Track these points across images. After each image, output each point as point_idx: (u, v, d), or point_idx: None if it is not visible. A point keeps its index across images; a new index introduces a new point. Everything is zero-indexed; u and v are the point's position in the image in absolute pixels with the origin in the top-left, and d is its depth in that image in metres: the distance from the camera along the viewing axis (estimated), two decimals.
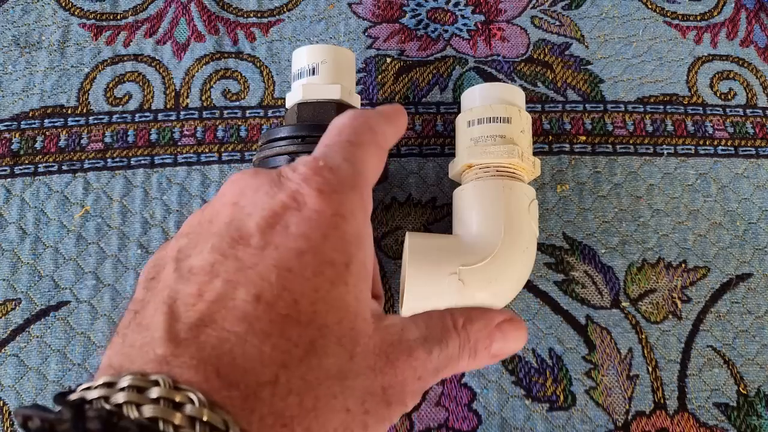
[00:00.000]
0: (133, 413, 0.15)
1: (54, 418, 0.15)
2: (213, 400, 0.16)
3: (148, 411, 0.15)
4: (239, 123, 0.38)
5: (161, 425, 0.15)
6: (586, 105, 0.39)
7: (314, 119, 0.31)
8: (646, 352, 0.34)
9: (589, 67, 0.40)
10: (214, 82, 0.39)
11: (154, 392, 0.15)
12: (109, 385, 0.16)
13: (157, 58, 0.40)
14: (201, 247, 0.19)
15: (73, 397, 0.16)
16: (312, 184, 0.20)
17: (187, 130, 0.38)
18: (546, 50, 0.41)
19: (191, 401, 0.15)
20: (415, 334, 0.21)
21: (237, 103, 0.39)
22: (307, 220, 0.19)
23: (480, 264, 0.29)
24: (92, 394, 0.16)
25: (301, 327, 0.18)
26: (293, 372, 0.17)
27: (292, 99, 0.32)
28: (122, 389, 0.16)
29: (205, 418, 0.15)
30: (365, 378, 0.19)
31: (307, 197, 0.20)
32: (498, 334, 0.23)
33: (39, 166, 0.37)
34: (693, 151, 0.39)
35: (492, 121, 0.32)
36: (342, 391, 0.18)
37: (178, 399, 0.15)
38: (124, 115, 0.38)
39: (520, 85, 0.39)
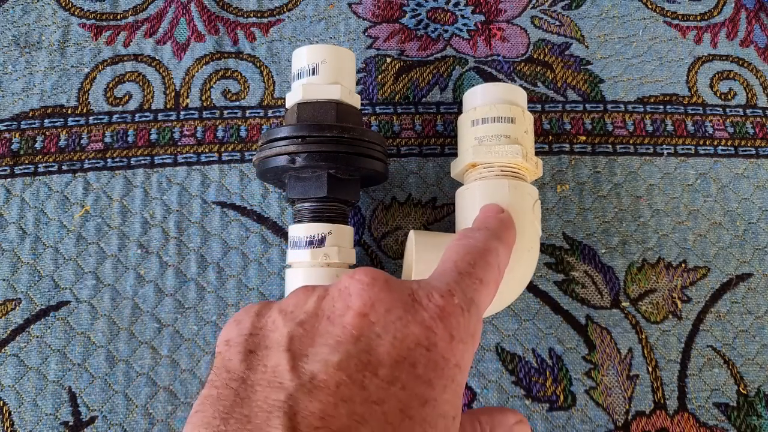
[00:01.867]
0: None
1: None
2: None
3: None
4: (239, 123, 0.38)
5: None
6: (586, 105, 0.39)
7: (314, 119, 0.31)
8: (646, 352, 0.34)
9: (589, 67, 0.40)
10: (214, 82, 0.39)
11: None
12: None
13: (157, 58, 0.40)
14: (321, 351, 0.18)
15: None
16: (447, 326, 0.19)
17: (187, 130, 0.38)
18: (546, 50, 0.41)
19: None
20: None
21: (237, 103, 0.39)
22: (434, 366, 0.19)
23: None
24: None
25: None
26: None
27: (292, 99, 0.32)
28: None
29: None
30: None
31: (439, 340, 0.19)
32: None
33: (39, 166, 0.37)
34: (693, 151, 0.39)
35: (497, 121, 0.32)
36: None
37: None
38: (124, 115, 0.38)
39: (520, 85, 0.39)
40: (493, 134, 0.31)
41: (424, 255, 0.29)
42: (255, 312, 0.20)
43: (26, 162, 0.37)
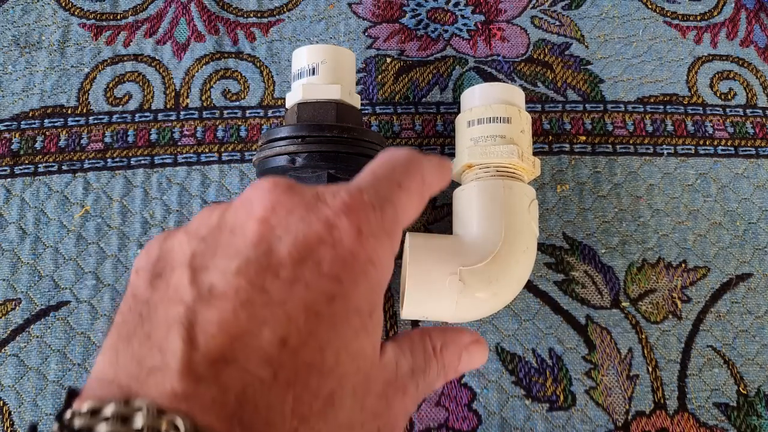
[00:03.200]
0: None
1: None
2: None
3: None
4: (239, 123, 0.38)
5: None
6: (586, 105, 0.39)
7: (314, 119, 0.31)
8: (646, 352, 0.34)
9: (589, 67, 0.40)
10: (214, 82, 0.39)
11: None
12: (123, 419, 0.15)
13: (157, 58, 0.40)
14: (221, 262, 0.18)
15: (80, 420, 0.15)
16: (352, 220, 0.19)
17: (187, 130, 0.38)
18: (546, 50, 0.41)
19: None
20: (405, 367, 0.21)
21: (237, 103, 0.39)
22: (341, 261, 0.18)
23: (480, 264, 0.29)
24: (104, 416, 0.15)
25: (323, 377, 0.17)
26: (311, 426, 0.17)
27: (292, 99, 0.32)
28: (138, 426, 0.15)
29: None
30: (368, 425, 0.19)
31: (344, 234, 0.19)
32: (465, 355, 0.24)
33: (39, 166, 0.37)
34: (693, 151, 0.39)
35: (492, 121, 0.32)
36: None
37: None
38: (124, 115, 0.38)
39: (520, 85, 0.39)
40: (489, 135, 0.31)
41: (417, 257, 0.29)
42: (163, 237, 0.20)
43: (26, 162, 0.37)
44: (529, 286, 0.35)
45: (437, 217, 0.36)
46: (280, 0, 0.42)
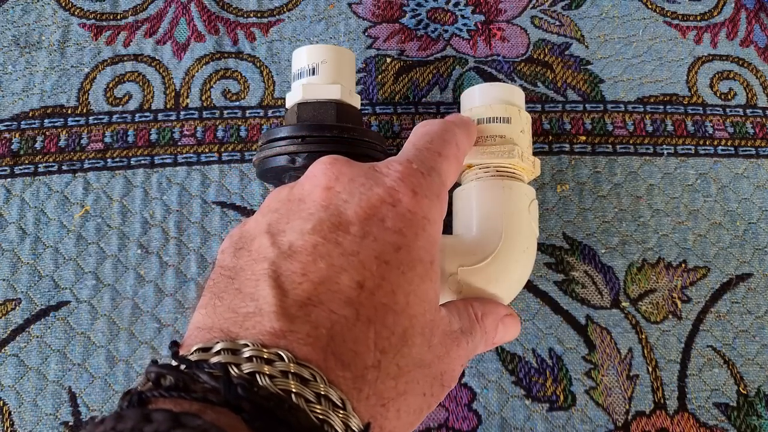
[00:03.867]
0: (265, 381, 0.16)
1: (188, 378, 0.16)
2: (329, 379, 0.17)
3: (280, 383, 0.16)
4: (239, 123, 0.38)
5: (294, 398, 0.16)
6: (586, 105, 0.39)
7: (314, 119, 0.31)
8: (646, 352, 0.34)
9: (589, 67, 0.40)
10: (214, 82, 0.39)
11: (280, 366, 0.16)
12: (233, 352, 0.17)
13: (157, 58, 0.40)
14: (296, 224, 0.20)
15: (193, 356, 0.17)
16: (407, 184, 0.21)
17: (187, 130, 0.38)
18: (546, 50, 0.41)
19: (314, 378, 0.16)
20: (456, 325, 0.23)
21: (237, 103, 0.39)
22: (401, 218, 0.21)
23: (480, 264, 0.29)
24: (216, 359, 0.16)
25: (397, 316, 0.19)
26: (391, 359, 0.19)
27: (292, 99, 0.32)
28: (248, 359, 0.16)
29: (325, 393, 0.16)
30: (435, 366, 0.21)
31: (402, 195, 0.21)
32: (502, 326, 0.27)
33: (39, 166, 0.37)
34: (693, 151, 0.39)
35: (492, 121, 0.32)
36: (422, 378, 0.20)
37: (305, 375, 0.16)
38: (124, 115, 0.38)
39: (520, 85, 0.39)
40: (488, 135, 0.31)
41: None
42: (242, 224, 0.22)
43: (26, 162, 0.37)
44: (529, 286, 0.35)
45: None
46: (280, 0, 0.42)
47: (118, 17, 0.41)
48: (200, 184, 0.37)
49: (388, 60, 0.40)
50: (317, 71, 0.32)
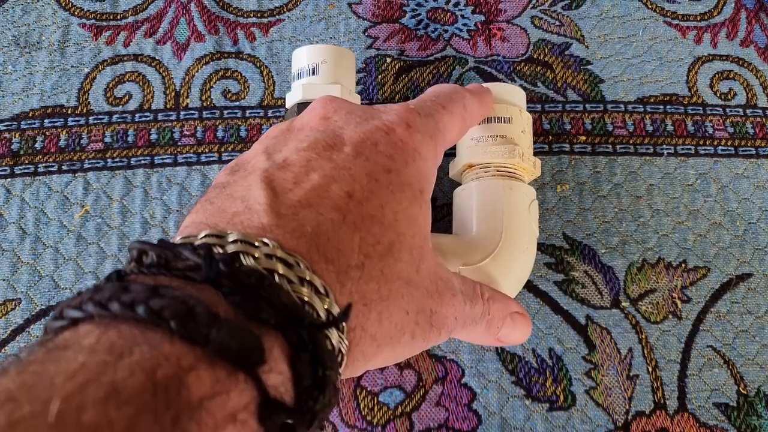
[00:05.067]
0: (249, 261, 0.16)
1: (170, 255, 0.16)
2: (314, 269, 0.17)
3: (264, 264, 0.16)
4: (239, 123, 0.38)
5: (276, 278, 0.16)
6: (586, 105, 0.39)
7: None
8: (646, 352, 0.34)
9: (589, 67, 0.40)
10: (214, 82, 0.39)
11: (265, 250, 0.16)
12: (218, 236, 0.17)
13: (157, 58, 0.40)
14: (292, 144, 0.21)
15: (179, 240, 0.17)
16: (402, 118, 0.22)
17: (187, 130, 0.38)
18: (546, 50, 0.41)
19: (298, 265, 0.17)
20: (457, 285, 0.24)
21: (237, 103, 0.39)
22: (393, 145, 0.22)
23: (480, 264, 0.29)
24: (200, 242, 0.17)
25: (384, 228, 0.20)
26: (375, 264, 0.19)
27: (292, 99, 0.32)
28: (233, 242, 0.16)
29: (309, 279, 0.16)
30: (423, 294, 0.21)
31: (396, 126, 0.22)
32: (510, 321, 0.27)
33: (39, 166, 0.37)
34: (693, 151, 0.39)
35: (493, 121, 0.32)
36: (407, 294, 0.20)
37: (290, 261, 0.16)
38: (124, 115, 0.38)
39: (520, 85, 0.39)
40: (489, 134, 0.31)
41: None
42: (238, 157, 0.23)
43: (26, 162, 0.37)
44: (529, 286, 0.35)
45: (437, 217, 0.36)
46: (280, 0, 0.42)
47: (118, 17, 0.41)
48: (200, 184, 0.37)
49: (388, 60, 0.40)
50: (317, 71, 0.32)
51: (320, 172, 0.20)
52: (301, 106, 0.32)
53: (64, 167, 0.37)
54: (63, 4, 0.41)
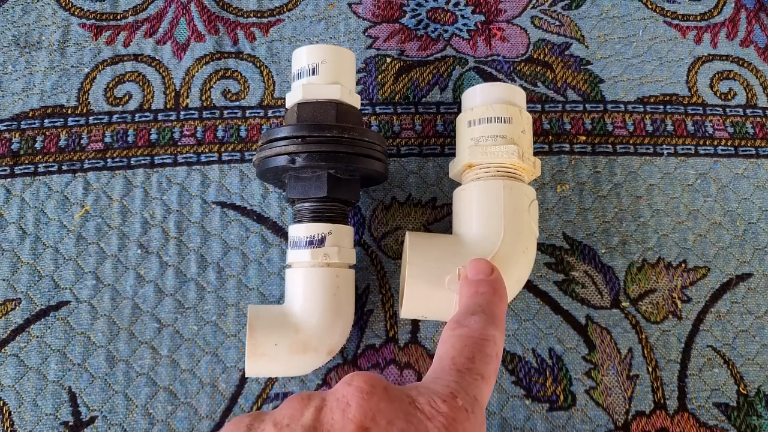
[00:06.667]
0: None
1: None
2: None
3: None
4: (239, 123, 0.38)
5: None
6: (586, 105, 0.39)
7: (314, 119, 0.31)
8: (646, 352, 0.34)
9: (589, 67, 0.40)
10: (214, 82, 0.39)
11: None
12: None
13: (157, 58, 0.40)
14: None
15: None
16: (452, 428, 0.19)
17: (187, 130, 0.38)
18: (546, 50, 0.41)
19: None
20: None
21: (237, 103, 0.39)
22: None
23: None
24: None
25: None
26: None
27: (292, 99, 0.32)
28: None
29: None
30: None
31: None
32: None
33: (39, 166, 0.37)
34: (693, 151, 0.39)
35: (493, 121, 0.32)
36: None
37: None
38: (124, 115, 0.38)
39: (520, 85, 0.39)
40: (489, 135, 0.31)
41: (417, 257, 0.29)
42: (246, 426, 0.19)
43: (26, 162, 0.37)
44: (529, 286, 0.35)
45: (437, 217, 0.36)
46: (280, 0, 0.42)
47: (118, 17, 0.41)
48: (200, 184, 0.37)
49: (388, 60, 0.40)
50: (317, 71, 0.32)
51: None
52: (301, 106, 0.32)
53: (64, 167, 0.37)
54: (63, 4, 0.41)
